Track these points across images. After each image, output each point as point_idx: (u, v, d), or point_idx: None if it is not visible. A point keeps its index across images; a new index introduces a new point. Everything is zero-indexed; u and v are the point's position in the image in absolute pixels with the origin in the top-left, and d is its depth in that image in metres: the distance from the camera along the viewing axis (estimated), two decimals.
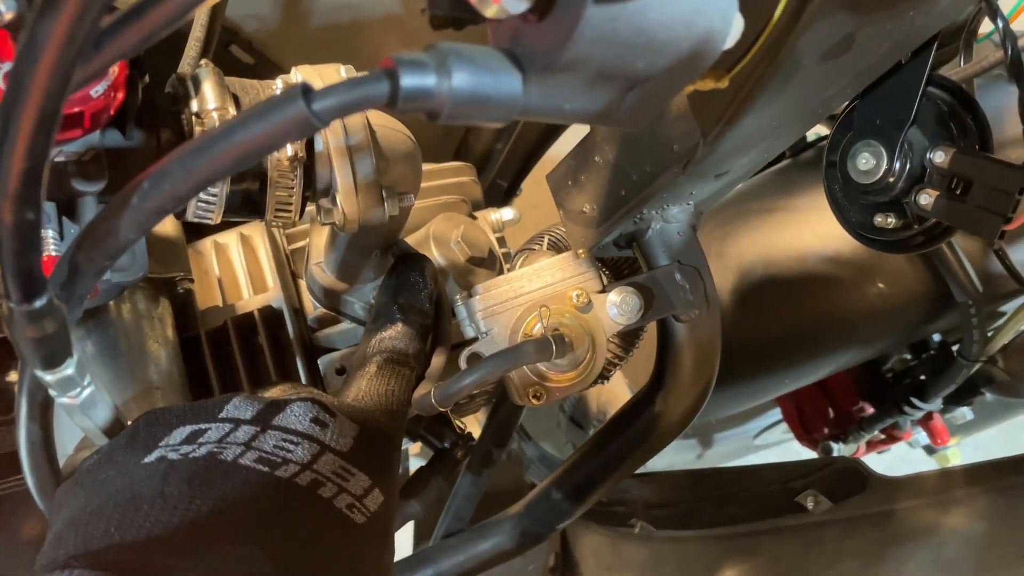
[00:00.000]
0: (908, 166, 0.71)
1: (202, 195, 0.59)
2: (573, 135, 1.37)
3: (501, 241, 1.04)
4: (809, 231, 1.20)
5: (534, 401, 0.70)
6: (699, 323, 0.77)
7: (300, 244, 0.93)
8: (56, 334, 0.45)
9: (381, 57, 1.14)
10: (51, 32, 0.30)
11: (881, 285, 1.16)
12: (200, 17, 0.82)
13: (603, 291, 0.73)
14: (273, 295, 0.90)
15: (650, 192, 0.72)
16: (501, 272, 0.98)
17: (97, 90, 0.50)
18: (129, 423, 0.59)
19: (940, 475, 1.01)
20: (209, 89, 0.58)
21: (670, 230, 0.76)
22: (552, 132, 1.30)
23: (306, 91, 0.37)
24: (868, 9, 0.55)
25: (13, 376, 0.86)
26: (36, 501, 0.66)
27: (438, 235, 0.93)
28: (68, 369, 0.48)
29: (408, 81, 0.37)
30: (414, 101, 0.37)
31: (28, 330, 0.44)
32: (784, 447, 2.45)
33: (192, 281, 0.80)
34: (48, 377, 0.48)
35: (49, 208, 0.57)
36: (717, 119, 0.63)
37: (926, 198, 0.70)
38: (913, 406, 1.34)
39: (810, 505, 0.99)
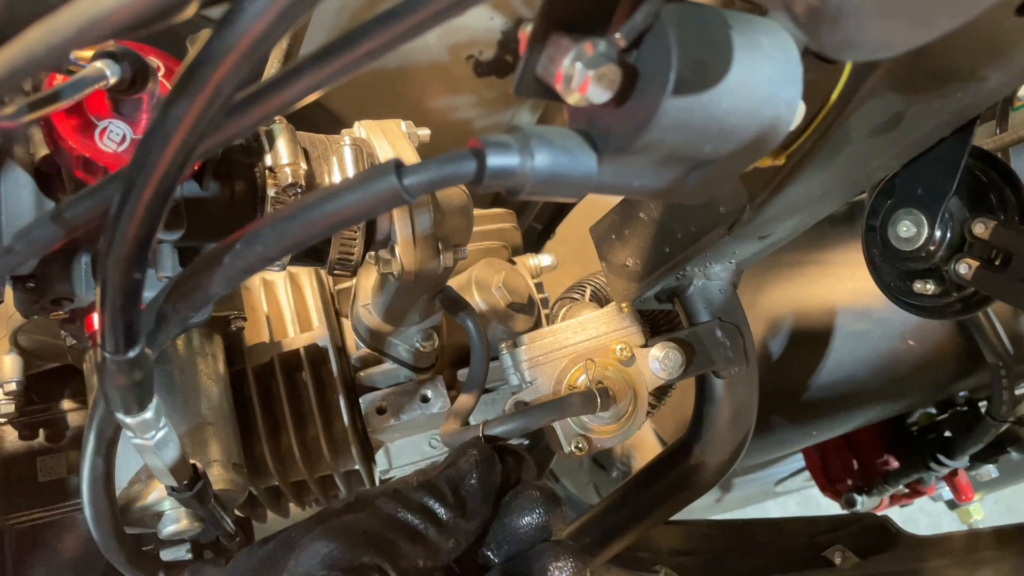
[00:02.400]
0: (948, 235, 0.73)
1: None
2: None
3: (539, 287, 1.06)
4: (840, 286, 1.22)
5: (576, 452, 0.71)
6: (738, 379, 0.78)
7: (346, 285, 0.96)
8: (142, 382, 0.47)
9: (426, 102, 1.17)
10: (182, 116, 0.33)
11: (911, 343, 1.17)
12: (271, 68, 0.85)
13: (646, 345, 0.75)
14: (319, 334, 0.92)
15: (694, 250, 0.74)
16: (539, 318, 1.00)
17: None
18: None
19: (968, 536, 1.01)
20: (283, 145, 0.61)
21: (712, 287, 0.79)
22: None
23: (399, 167, 0.39)
24: (918, 90, 0.57)
25: (66, 405, 0.89)
26: (92, 532, 0.68)
27: (480, 280, 0.95)
28: (148, 413, 0.51)
29: (494, 161, 0.39)
30: (498, 179, 0.40)
31: (119, 379, 0.46)
32: (803, 494, 2.45)
33: (244, 320, 0.83)
34: (128, 420, 0.51)
35: None
36: (764, 185, 0.66)
37: (966, 267, 0.72)
38: (940, 463, 1.34)
39: (837, 560, 0.99)
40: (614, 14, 0.40)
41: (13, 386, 0.81)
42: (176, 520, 0.74)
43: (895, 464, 1.48)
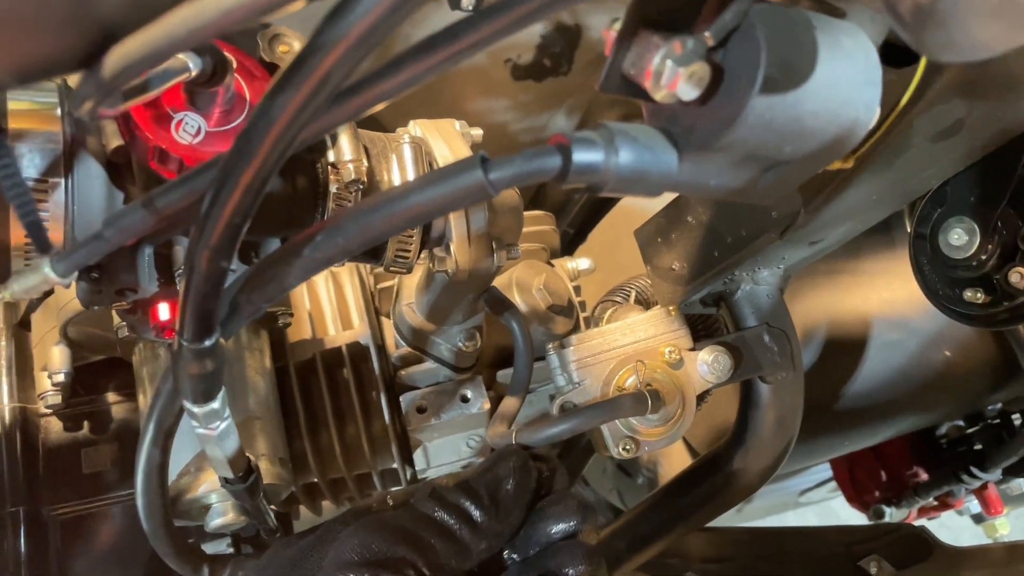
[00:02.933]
0: (1000, 244, 0.73)
1: None
2: None
3: (576, 290, 1.06)
4: (875, 295, 1.21)
5: (624, 453, 0.72)
6: (784, 385, 0.78)
7: (387, 284, 0.96)
8: (215, 371, 0.48)
9: (463, 104, 1.17)
10: (287, 104, 0.33)
11: (948, 353, 1.17)
12: None
13: (693, 349, 0.75)
14: (360, 332, 0.92)
15: (744, 255, 0.74)
16: (578, 320, 1.01)
17: None
18: None
19: (1007, 548, 1.01)
20: (346, 141, 0.61)
21: (759, 292, 0.79)
22: None
23: (484, 160, 0.40)
24: (982, 97, 0.57)
25: (111, 398, 0.90)
26: (143, 523, 0.68)
27: (521, 282, 0.96)
28: (216, 403, 0.51)
29: (580, 157, 0.39)
30: (582, 175, 0.40)
31: (193, 367, 0.46)
32: (823, 506, 2.43)
33: (292, 316, 0.84)
34: (196, 409, 0.51)
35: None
36: (820, 190, 0.66)
37: (1018, 277, 0.72)
38: (972, 475, 1.33)
39: (873, 571, 0.99)
40: (700, 13, 0.41)
41: (61, 377, 0.82)
42: (223, 513, 0.74)
43: (924, 476, 1.47)
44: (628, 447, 0.72)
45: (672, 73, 0.38)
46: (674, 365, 0.73)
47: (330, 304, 0.96)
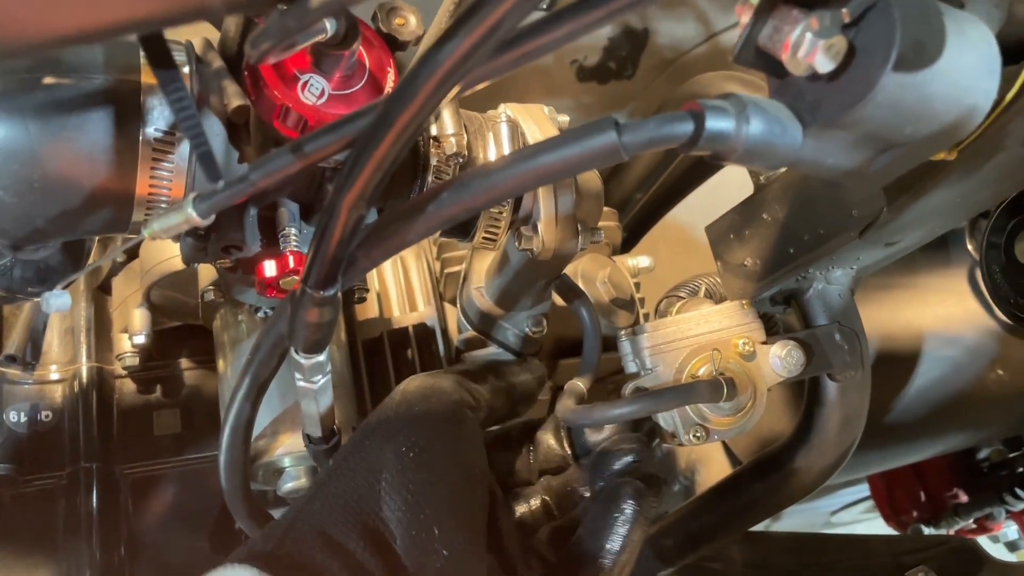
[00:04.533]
0: None
1: None
2: (698, 200, 1.40)
3: (636, 286, 1.07)
4: (930, 311, 1.21)
5: (695, 440, 0.72)
6: (852, 384, 0.79)
7: (453, 269, 0.98)
8: (331, 322, 0.49)
9: (525, 102, 1.19)
10: (452, 52, 0.35)
11: (1000, 372, 1.17)
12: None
13: (766, 342, 0.76)
14: (427, 314, 0.94)
15: (820, 253, 0.75)
16: (639, 316, 1.02)
17: None
18: None
19: None
20: (448, 116, 0.63)
21: (831, 291, 0.79)
22: (681, 190, 1.35)
23: (617, 123, 0.41)
24: None
25: (184, 363, 0.92)
26: (222, 480, 0.70)
27: (586, 274, 0.97)
28: (323, 356, 0.53)
29: (712, 124, 0.41)
30: (713, 143, 0.41)
31: (312, 314, 0.48)
32: (853, 528, 2.42)
33: (367, 291, 0.85)
34: (304, 360, 0.53)
35: (293, 208, 0.62)
36: (905, 190, 0.67)
37: None
38: (1017, 497, 1.33)
39: None
40: None
41: (142, 339, 0.84)
42: (296, 477, 0.76)
43: (964, 498, 1.46)
44: (699, 434, 0.73)
45: (812, 45, 0.39)
46: (747, 357, 0.74)
47: (396, 286, 0.98)
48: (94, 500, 0.82)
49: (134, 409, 0.88)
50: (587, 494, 0.72)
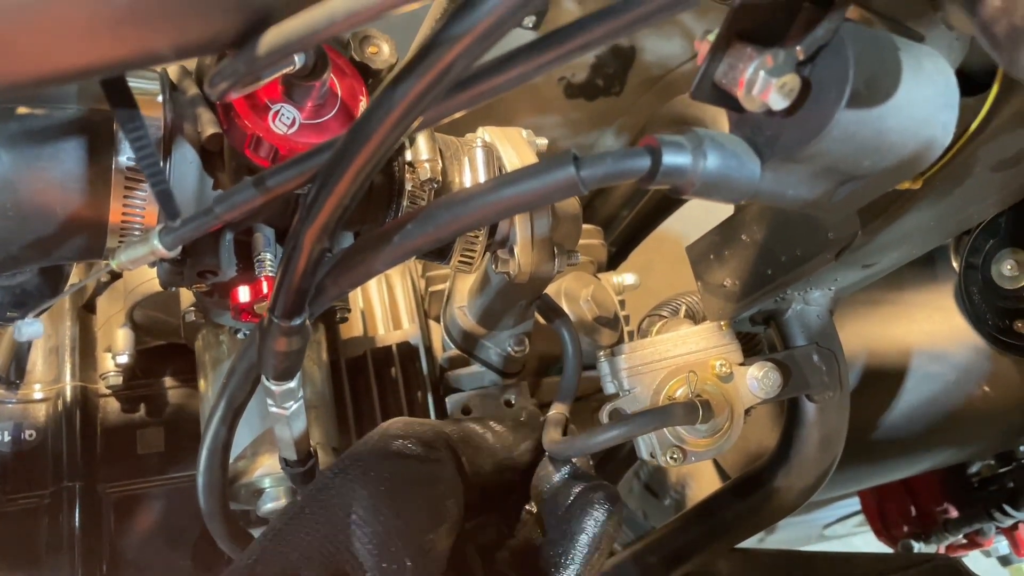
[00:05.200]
0: None
1: None
2: (685, 216, 1.41)
3: (621, 304, 1.08)
4: (916, 328, 1.22)
5: (672, 462, 0.73)
6: (830, 405, 0.79)
7: (438, 288, 0.98)
8: (300, 351, 0.50)
9: (513, 119, 1.20)
10: (409, 91, 0.35)
11: (987, 388, 1.17)
12: None
13: (744, 364, 0.76)
14: (411, 332, 0.95)
15: (797, 275, 0.75)
16: (623, 334, 1.02)
17: None
18: None
19: None
20: (423, 142, 0.63)
21: (809, 312, 0.80)
22: (668, 207, 1.35)
23: (576, 158, 0.42)
24: None
25: (168, 382, 0.92)
26: (201, 502, 0.70)
27: (569, 292, 0.98)
28: (294, 383, 0.53)
29: (669, 159, 0.41)
30: (669, 177, 0.42)
31: (281, 343, 0.49)
32: (845, 541, 2.41)
33: (349, 310, 0.86)
34: (275, 387, 0.53)
35: (269, 233, 0.63)
36: (879, 213, 0.67)
37: None
38: (1005, 513, 1.33)
39: None
40: (790, 28, 0.43)
41: (125, 359, 0.84)
42: (276, 498, 0.76)
43: (954, 513, 1.46)
44: (676, 456, 0.73)
45: (765, 83, 0.40)
46: (724, 378, 0.75)
47: (381, 304, 0.98)
48: (76, 519, 0.83)
49: (118, 428, 0.89)
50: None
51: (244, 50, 0.32)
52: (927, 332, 1.21)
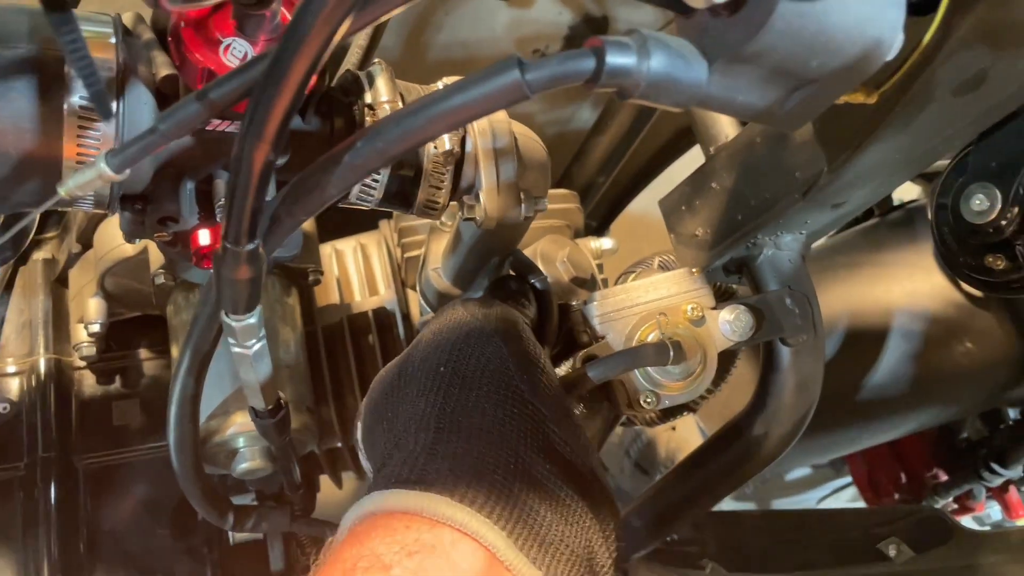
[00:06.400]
0: (1021, 210, 0.74)
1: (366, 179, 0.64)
2: (666, 184, 1.41)
3: (599, 268, 1.08)
4: (897, 287, 1.22)
5: (645, 405, 0.73)
6: (805, 348, 0.79)
7: (413, 254, 0.98)
8: (256, 279, 0.49)
9: None
10: None
11: (969, 344, 1.17)
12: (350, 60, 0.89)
13: (716, 308, 0.76)
14: (387, 298, 0.94)
15: (767, 217, 0.75)
16: None
17: None
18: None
19: None
20: (382, 84, 0.63)
21: (781, 257, 0.80)
22: (645, 176, 1.35)
23: (521, 62, 0.42)
24: (1004, 45, 0.58)
25: (143, 354, 0.92)
26: (173, 459, 0.70)
27: (545, 254, 0.97)
28: (253, 318, 0.53)
29: (613, 59, 0.41)
30: (615, 78, 0.42)
31: (237, 271, 0.48)
32: None
33: (322, 274, 0.85)
34: (235, 323, 0.53)
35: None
36: (844, 147, 0.67)
37: None
38: (992, 471, 1.33)
39: (892, 553, 0.98)
40: None
41: (97, 328, 0.84)
42: (250, 458, 0.76)
43: (944, 478, 1.46)
44: (650, 400, 0.73)
45: None
46: (696, 322, 0.75)
47: (357, 272, 0.98)
48: (52, 490, 0.82)
49: (93, 400, 0.88)
50: None
51: None
52: (908, 291, 1.22)
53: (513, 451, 0.54)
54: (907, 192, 1.47)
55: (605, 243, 1.08)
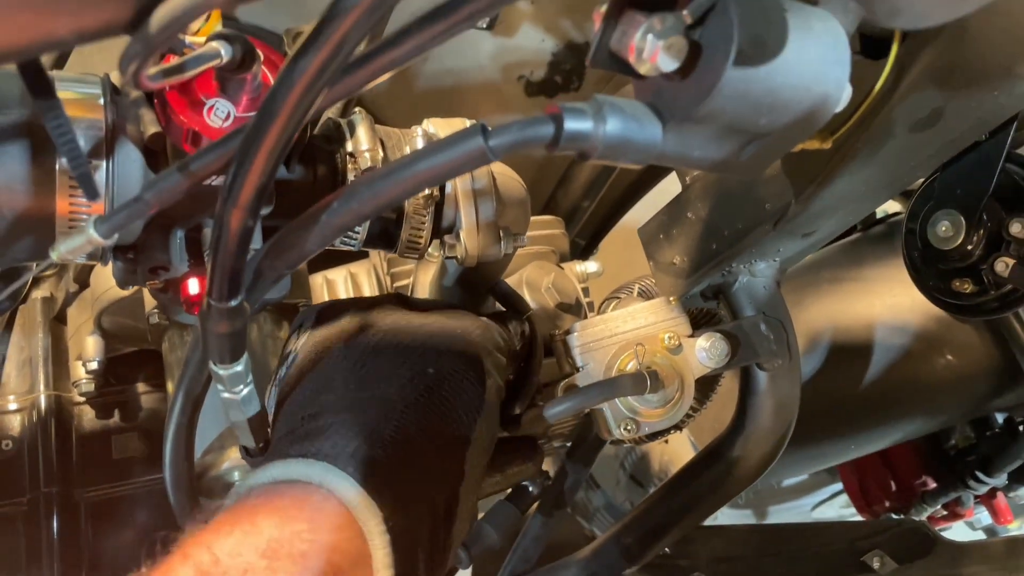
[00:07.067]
0: (986, 235, 0.77)
1: None
2: (653, 198, 1.44)
3: (585, 291, 1.10)
4: (879, 301, 1.24)
5: (625, 433, 0.75)
6: (781, 372, 0.82)
7: (403, 283, 1.01)
8: (240, 331, 0.52)
9: (477, 118, 1.23)
10: (308, 66, 0.38)
11: (950, 357, 1.19)
12: None
13: (692, 335, 0.78)
14: None
15: (741, 247, 0.78)
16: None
17: None
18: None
19: (1007, 542, 1.02)
20: (363, 132, 0.66)
21: (756, 284, 0.82)
22: (632, 195, 1.38)
23: (484, 129, 0.44)
24: (956, 87, 0.61)
25: (140, 388, 0.94)
26: (170, 495, 0.72)
27: (530, 281, 1.00)
28: (240, 366, 0.55)
29: (571, 125, 0.43)
30: (573, 142, 0.44)
31: (221, 326, 0.51)
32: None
33: None
34: (222, 372, 0.55)
35: None
36: (810, 181, 0.70)
37: (1003, 266, 0.75)
38: (978, 480, 1.35)
39: (876, 565, 1.00)
40: None
41: (95, 365, 0.86)
42: None
43: (933, 485, 1.48)
44: (629, 427, 0.75)
45: (653, 46, 0.42)
46: (673, 350, 0.77)
47: None
48: (55, 524, 0.84)
49: (93, 434, 0.91)
50: None
51: (139, 32, 0.34)
52: (888, 305, 1.24)
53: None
54: (891, 205, 1.49)
55: (590, 267, 1.10)
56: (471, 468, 0.65)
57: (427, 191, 0.68)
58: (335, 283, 1.03)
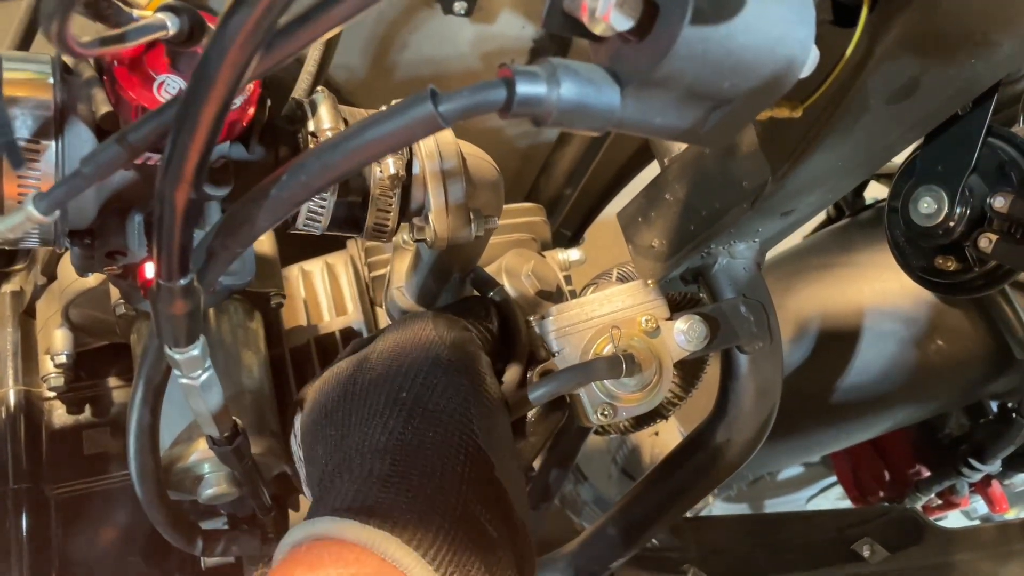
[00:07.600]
0: (968, 211, 0.75)
1: (312, 204, 0.65)
2: (637, 187, 1.42)
3: (567, 279, 1.08)
4: (868, 287, 1.23)
5: (602, 418, 0.73)
6: (762, 355, 0.80)
7: (380, 272, 0.99)
8: (193, 313, 0.50)
9: None
10: (240, 25, 0.36)
11: (940, 342, 1.18)
12: (313, 54, 0.90)
13: (671, 318, 0.77)
14: (354, 318, 0.95)
15: (719, 227, 0.76)
16: None
17: (235, 103, 0.56)
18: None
19: (998, 528, 1.01)
20: (325, 111, 0.64)
21: (736, 266, 0.80)
22: (616, 183, 1.36)
23: (434, 94, 0.42)
24: (932, 54, 0.59)
25: (111, 382, 0.93)
26: (136, 488, 0.71)
27: (510, 268, 0.98)
28: (196, 350, 0.54)
29: (523, 89, 0.42)
30: (526, 107, 0.42)
31: (173, 306, 0.49)
32: None
33: (284, 297, 0.86)
34: (178, 356, 0.54)
35: None
36: (787, 157, 0.68)
37: (986, 242, 0.73)
38: (971, 467, 1.33)
39: (866, 554, 0.99)
40: None
41: (63, 358, 0.85)
42: (216, 484, 0.77)
43: (927, 474, 1.47)
44: (606, 412, 0.74)
45: (606, 4, 0.41)
46: (651, 333, 0.75)
47: (325, 292, 0.99)
48: (24, 521, 0.83)
49: (63, 430, 0.89)
50: None
51: None
52: (879, 291, 1.22)
53: (462, 499, 0.56)
54: (880, 191, 1.48)
55: (572, 254, 1.08)
56: (492, 448, 0.62)
57: (393, 171, 0.66)
58: (312, 274, 1.02)
